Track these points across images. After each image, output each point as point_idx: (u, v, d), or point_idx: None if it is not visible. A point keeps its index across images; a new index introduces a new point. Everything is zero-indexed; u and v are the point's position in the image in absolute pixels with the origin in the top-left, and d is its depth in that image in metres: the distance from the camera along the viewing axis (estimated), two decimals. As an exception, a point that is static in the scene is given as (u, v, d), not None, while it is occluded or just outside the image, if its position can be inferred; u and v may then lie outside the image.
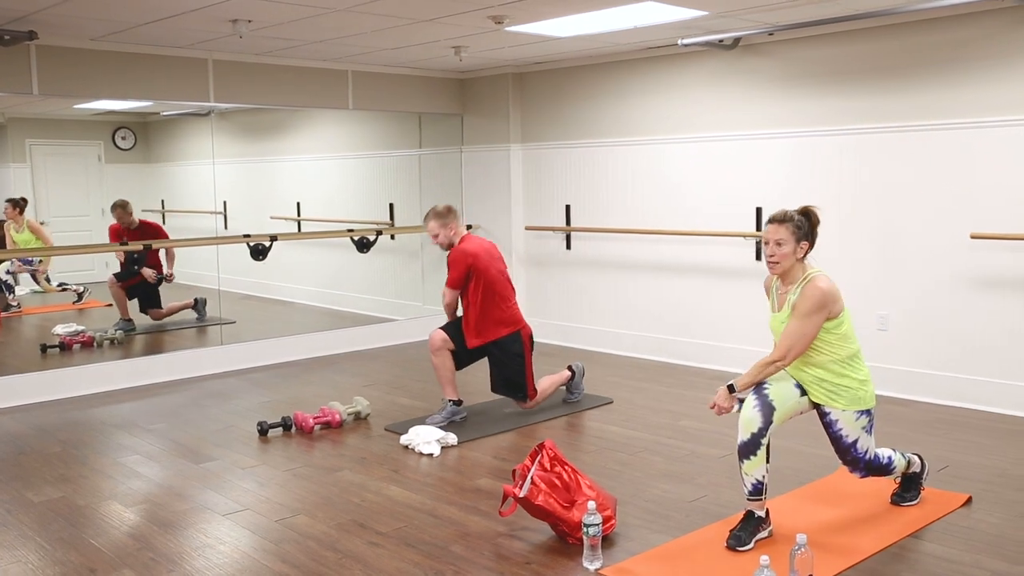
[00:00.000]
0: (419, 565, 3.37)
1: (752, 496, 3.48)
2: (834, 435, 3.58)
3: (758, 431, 3.44)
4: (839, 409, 3.52)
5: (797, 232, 3.48)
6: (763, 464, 3.45)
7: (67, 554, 3.52)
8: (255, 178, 9.24)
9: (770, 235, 3.50)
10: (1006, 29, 5.16)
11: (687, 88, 6.71)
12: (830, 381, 3.52)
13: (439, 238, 5.35)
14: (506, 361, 5.38)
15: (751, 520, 3.49)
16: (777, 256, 3.50)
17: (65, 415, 5.68)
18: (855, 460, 3.59)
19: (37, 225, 7.64)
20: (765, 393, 3.50)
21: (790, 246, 3.48)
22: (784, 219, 3.49)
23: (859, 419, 3.54)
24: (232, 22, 5.42)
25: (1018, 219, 5.18)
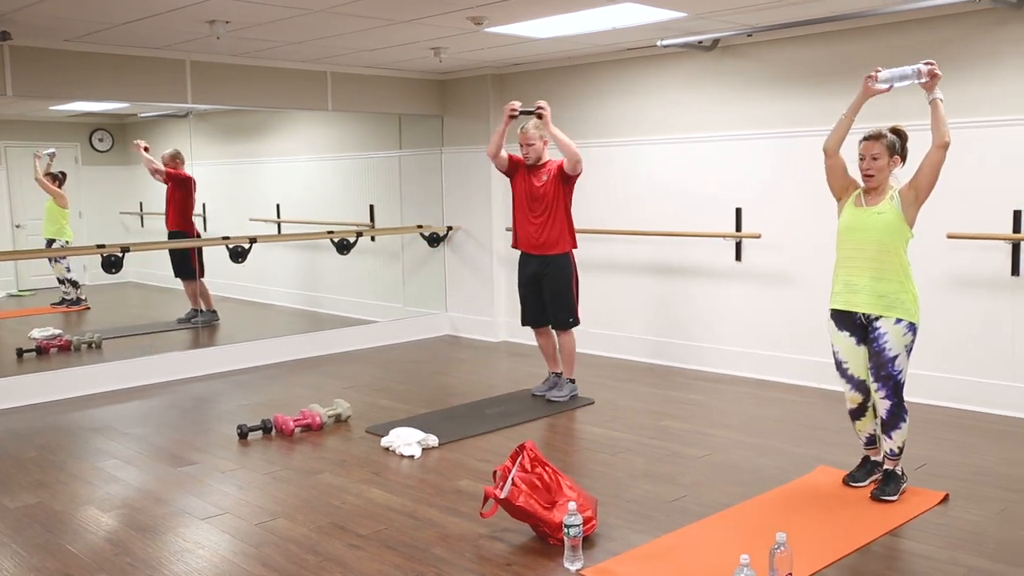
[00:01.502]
0: (400, 567, 3.36)
1: (867, 446, 4.09)
2: (878, 348, 3.84)
3: (863, 401, 4.00)
4: (892, 320, 3.81)
5: (891, 148, 3.85)
6: (872, 421, 4.02)
7: (44, 560, 3.49)
8: (234, 180, 9.20)
9: (866, 151, 3.86)
10: (982, 30, 5.21)
11: (666, 89, 6.73)
12: (892, 295, 3.82)
13: (534, 147, 5.62)
14: (563, 279, 5.68)
15: (867, 463, 4.09)
16: (873, 169, 3.85)
17: (42, 420, 5.63)
18: (888, 376, 3.84)
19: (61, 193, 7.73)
20: (851, 375, 3.99)
21: (884, 160, 3.85)
22: (879, 136, 3.85)
23: (906, 334, 3.83)
24: (210, 23, 5.39)
25: (994, 219, 5.23)
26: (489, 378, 6.45)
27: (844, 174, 4.02)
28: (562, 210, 5.60)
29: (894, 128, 3.90)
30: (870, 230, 3.85)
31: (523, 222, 5.71)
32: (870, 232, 3.85)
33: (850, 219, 3.94)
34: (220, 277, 8.22)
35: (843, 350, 3.98)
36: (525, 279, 5.80)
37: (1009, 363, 5.26)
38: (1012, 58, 5.11)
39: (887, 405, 3.88)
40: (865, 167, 3.85)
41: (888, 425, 3.90)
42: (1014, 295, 5.21)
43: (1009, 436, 4.88)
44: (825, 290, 4.19)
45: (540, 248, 5.65)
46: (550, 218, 5.59)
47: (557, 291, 5.68)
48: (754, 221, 6.29)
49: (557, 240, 5.61)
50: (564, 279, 5.68)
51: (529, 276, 5.76)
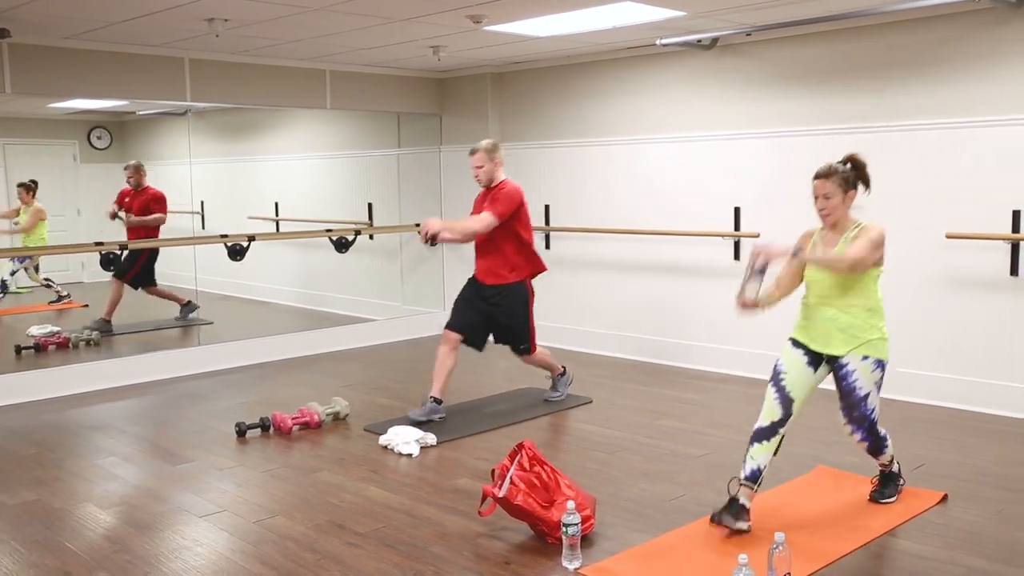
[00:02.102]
0: (398, 566, 3.36)
1: (747, 480, 3.59)
2: (848, 387, 3.64)
3: (778, 420, 3.63)
4: (859, 357, 3.61)
5: (844, 183, 3.64)
6: (770, 453, 3.62)
7: (42, 557, 3.48)
8: (233, 178, 9.19)
9: (818, 190, 3.66)
10: (982, 29, 5.21)
11: (666, 88, 6.73)
12: (857, 327, 3.61)
13: (483, 170, 5.35)
14: (515, 308, 5.40)
15: (734, 505, 3.56)
16: (827, 209, 3.65)
17: (40, 417, 5.62)
18: (861, 417, 3.65)
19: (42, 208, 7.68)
20: (783, 386, 3.65)
21: (838, 197, 3.64)
22: (829, 173, 3.65)
23: (875, 371, 3.63)
24: (208, 21, 5.39)
25: (993, 219, 5.23)
26: (487, 377, 6.45)
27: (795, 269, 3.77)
28: (510, 240, 5.31)
29: (849, 157, 3.69)
30: (828, 273, 3.63)
31: (477, 249, 5.45)
32: (829, 275, 3.64)
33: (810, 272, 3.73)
34: (218, 275, 8.21)
35: (788, 361, 3.70)
36: (469, 292, 5.47)
37: (1008, 363, 5.26)
38: (1011, 58, 5.11)
39: (864, 446, 3.75)
40: (819, 207, 3.66)
41: (872, 454, 3.83)
42: (1013, 295, 5.21)
43: (1008, 436, 4.88)
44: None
45: (491, 277, 5.36)
46: (499, 247, 5.32)
47: (511, 323, 5.41)
48: (752, 220, 6.29)
49: (508, 269, 5.34)
50: (517, 310, 5.40)
51: (476, 295, 5.43)
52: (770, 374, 3.75)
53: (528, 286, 5.47)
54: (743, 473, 3.61)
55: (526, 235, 5.40)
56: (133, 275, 7.65)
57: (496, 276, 5.37)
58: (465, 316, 5.42)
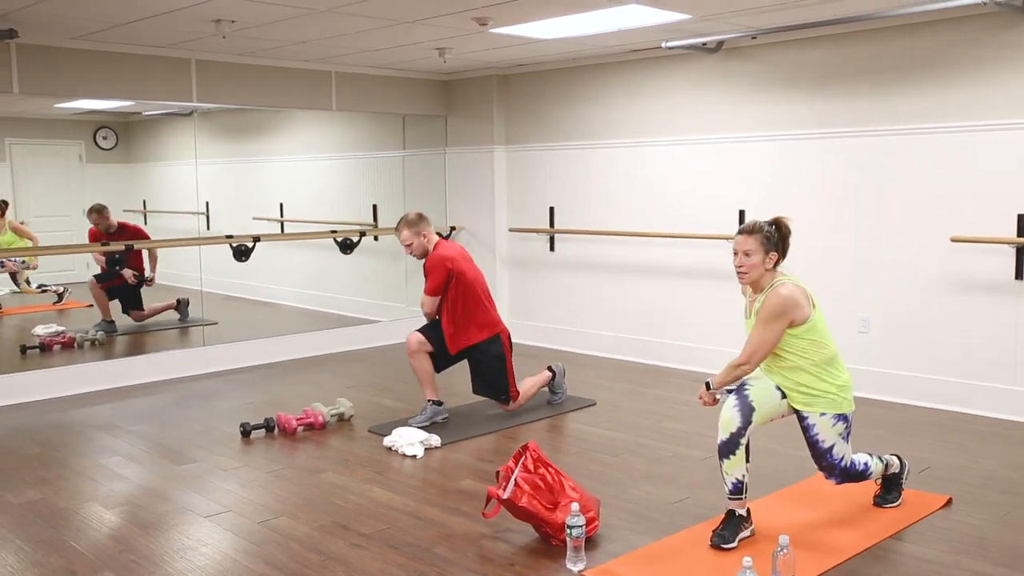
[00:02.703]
0: (402, 567, 3.36)
1: (732, 495, 3.51)
2: (811, 439, 3.59)
3: (736, 431, 3.46)
4: (817, 414, 3.54)
5: (766, 243, 3.52)
6: (742, 464, 3.48)
7: (47, 556, 3.49)
8: (238, 179, 9.20)
9: (739, 246, 3.55)
10: (988, 33, 5.21)
11: (671, 91, 6.73)
12: (808, 385, 3.53)
13: (413, 247, 5.25)
14: (488, 364, 5.37)
15: (733, 519, 3.52)
16: (745, 267, 3.54)
17: (45, 416, 5.63)
18: (831, 466, 3.62)
19: (18, 225, 7.59)
20: (745, 394, 3.52)
21: (758, 256, 3.52)
22: (753, 230, 3.54)
23: (836, 424, 3.56)
24: (215, 22, 5.40)
25: (998, 222, 5.22)
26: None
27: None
28: (461, 301, 5.23)
29: (775, 220, 3.59)
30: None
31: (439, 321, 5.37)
32: None
33: (745, 327, 3.68)
34: (223, 276, 8.23)
35: (755, 376, 3.60)
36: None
37: (1013, 367, 5.25)
38: (1017, 62, 5.11)
39: (846, 483, 3.71)
40: (737, 263, 3.54)
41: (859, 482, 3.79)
42: (1018, 299, 5.21)
43: (1013, 440, 4.87)
44: (827, 293, 4.19)
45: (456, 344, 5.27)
46: (453, 311, 5.26)
47: (490, 380, 5.37)
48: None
49: (473, 328, 5.27)
50: (496, 366, 5.35)
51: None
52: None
53: (503, 338, 5.39)
54: (725, 490, 3.52)
55: (474, 295, 5.26)
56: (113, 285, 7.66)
57: (465, 339, 5.28)
58: (429, 330, 5.35)
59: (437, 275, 5.20)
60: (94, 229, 7.51)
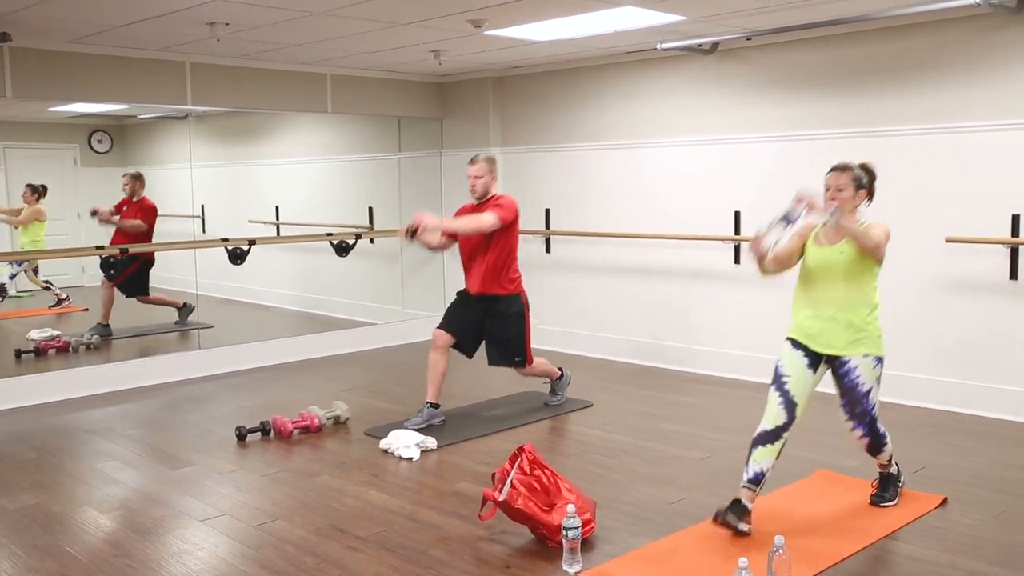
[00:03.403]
0: (398, 570, 3.36)
1: (750, 483, 3.60)
2: (850, 385, 3.68)
3: (783, 424, 3.65)
4: (860, 356, 3.65)
5: (856, 181, 3.70)
6: (773, 457, 3.63)
7: (42, 561, 3.48)
8: (233, 182, 9.20)
9: (831, 182, 3.71)
10: (981, 35, 5.22)
11: (666, 92, 6.74)
12: (857, 327, 3.65)
13: (480, 181, 5.32)
14: (510, 321, 5.36)
15: (738, 506, 3.57)
16: (839, 201, 3.67)
17: (40, 421, 5.62)
18: (863, 413, 3.69)
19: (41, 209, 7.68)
20: (787, 390, 3.67)
21: (849, 192, 3.68)
22: (846, 167, 3.72)
23: (876, 367, 3.68)
24: (210, 25, 5.40)
25: (992, 223, 5.23)
26: (487, 381, 6.44)
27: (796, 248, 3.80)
28: (505, 251, 5.27)
29: (863, 164, 3.77)
30: (833, 268, 3.67)
31: (468, 268, 5.39)
32: (833, 270, 3.67)
33: (812, 258, 3.76)
34: (218, 279, 8.22)
35: (789, 364, 3.72)
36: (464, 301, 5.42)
37: (1008, 366, 5.26)
38: (1010, 62, 5.12)
39: (865, 442, 3.77)
40: (830, 197, 3.68)
41: (871, 451, 3.85)
42: (1013, 299, 5.22)
43: (1008, 440, 4.88)
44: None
45: (485, 288, 5.30)
46: (494, 259, 5.26)
47: (506, 336, 5.37)
48: (753, 224, 6.28)
49: (506, 280, 5.31)
50: (512, 323, 5.35)
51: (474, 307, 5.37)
52: (771, 376, 3.75)
53: (524, 299, 5.43)
54: (746, 476, 3.62)
55: (516, 251, 5.37)
56: (122, 281, 7.63)
57: (492, 287, 5.31)
58: (457, 320, 5.38)
59: (510, 212, 5.26)
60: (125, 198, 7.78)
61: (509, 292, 5.34)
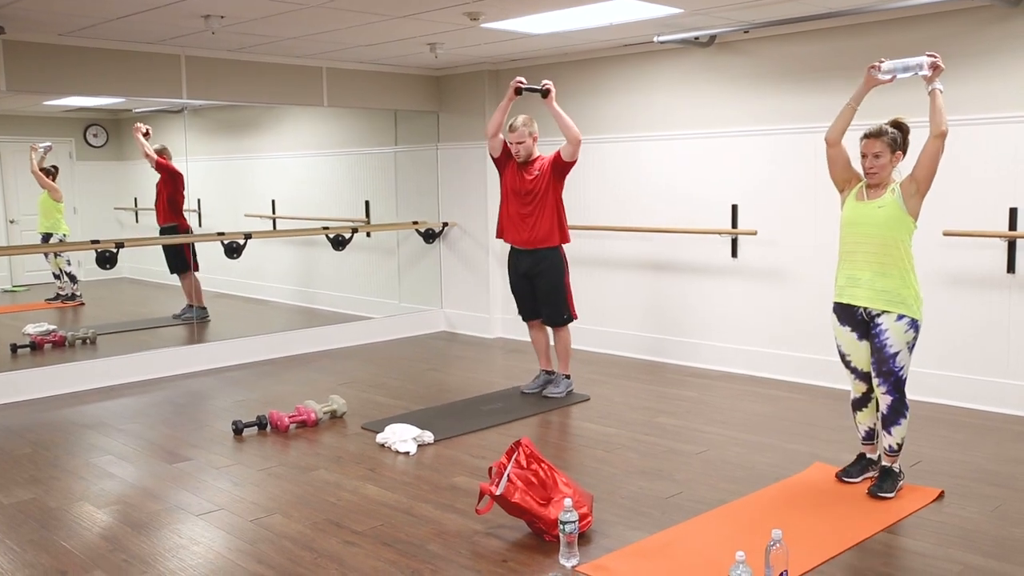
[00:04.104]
0: (395, 564, 3.35)
1: (866, 440, 4.09)
2: (879, 344, 3.86)
3: (866, 391, 4.03)
4: (894, 317, 3.82)
5: (892, 144, 3.85)
6: (873, 414, 4.03)
7: (38, 556, 3.48)
8: (229, 176, 9.17)
9: (867, 148, 3.85)
10: (979, 27, 5.21)
11: (663, 86, 6.72)
12: (894, 290, 3.82)
13: (523, 146, 5.60)
14: (558, 273, 5.69)
15: (862, 460, 4.08)
16: (876, 167, 3.85)
17: (36, 416, 5.61)
18: (890, 371, 3.85)
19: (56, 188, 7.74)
20: (854, 367, 4.02)
21: (886, 157, 3.85)
22: (880, 133, 3.85)
23: (908, 331, 3.83)
24: (204, 18, 5.37)
25: (990, 216, 5.23)
26: (485, 374, 6.44)
27: (847, 166, 4.02)
28: (552, 204, 5.61)
29: (895, 121, 3.90)
30: (871, 224, 3.86)
31: (512, 216, 5.70)
32: (871, 227, 3.86)
33: (851, 213, 3.95)
34: (215, 273, 8.20)
35: (845, 344, 4.01)
36: (517, 275, 5.82)
37: (1005, 360, 5.26)
38: (1009, 55, 5.11)
39: (888, 400, 3.89)
40: (868, 165, 3.86)
41: (888, 420, 3.91)
42: (1010, 292, 5.21)
43: (1005, 433, 4.88)
44: (820, 287, 4.21)
45: (529, 243, 5.66)
46: (540, 213, 5.60)
47: (550, 288, 5.70)
48: (750, 218, 6.29)
49: (547, 235, 5.62)
50: (556, 275, 5.69)
51: (521, 273, 5.77)
52: (837, 355, 4.09)
53: (563, 253, 5.73)
54: (860, 436, 4.10)
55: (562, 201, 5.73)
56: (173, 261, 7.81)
57: (540, 240, 5.63)
58: (527, 304, 5.84)
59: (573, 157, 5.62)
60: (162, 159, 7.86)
61: (556, 243, 5.68)
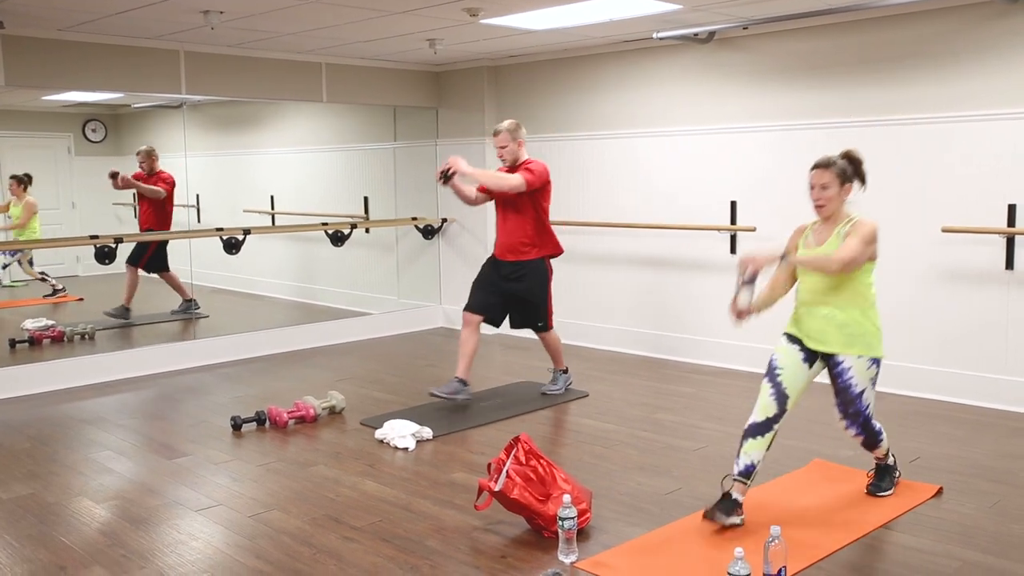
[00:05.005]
0: (394, 560, 3.36)
1: (740, 476, 3.58)
2: (843, 385, 3.65)
3: (773, 416, 3.61)
4: (854, 356, 3.61)
5: (841, 175, 3.62)
6: (763, 449, 3.60)
7: (36, 552, 3.48)
8: (228, 171, 9.17)
9: (815, 179, 3.64)
10: (979, 23, 5.20)
11: (662, 82, 6.72)
12: (854, 325, 3.61)
13: (507, 150, 5.40)
14: (538, 284, 5.56)
15: (727, 501, 3.56)
16: (823, 199, 3.63)
17: (34, 411, 5.61)
18: (857, 413, 3.67)
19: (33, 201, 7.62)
20: (779, 381, 3.64)
21: (835, 189, 3.62)
22: (828, 164, 3.64)
23: (870, 368, 3.64)
24: (203, 13, 5.36)
25: (988, 213, 5.23)
26: (483, 371, 6.44)
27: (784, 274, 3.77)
28: (530, 214, 5.43)
29: (846, 153, 3.68)
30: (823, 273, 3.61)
31: (499, 226, 5.57)
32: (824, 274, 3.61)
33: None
34: (213, 268, 8.20)
35: (783, 357, 3.68)
36: (488, 273, 5.62)
37: (1003, 357, 5.27)
38: (1009, 51, 5.11)
39: (860, 440, 3.77)
40: (815, 196, 3.63)
41: (867, 447, 3.85)
42: (1008, 289, 5.22)
43: (1003, 430, 4.89)
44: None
45: (512, 254, 5.49)
46: (517, 220, 5.44)
47: (530, 299, 5.56)
48: (749, 214, 6.29)
49: (524, 246, 5.46)
50: (538, 286, 5.54)
51: (495, 275, 5.57)
52: (765, 368, 3.74)
53: (548, 265, 5.62)
54: (736, 469, 3.60)
55: (546, 214, 5.54)
56: (148, 259, 7.64)
57: (517, 253, 5.49)
58: (483, 297, 5.56)
59: (541, 175, 5.38)
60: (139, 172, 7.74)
61: (534, 257, 5.51)
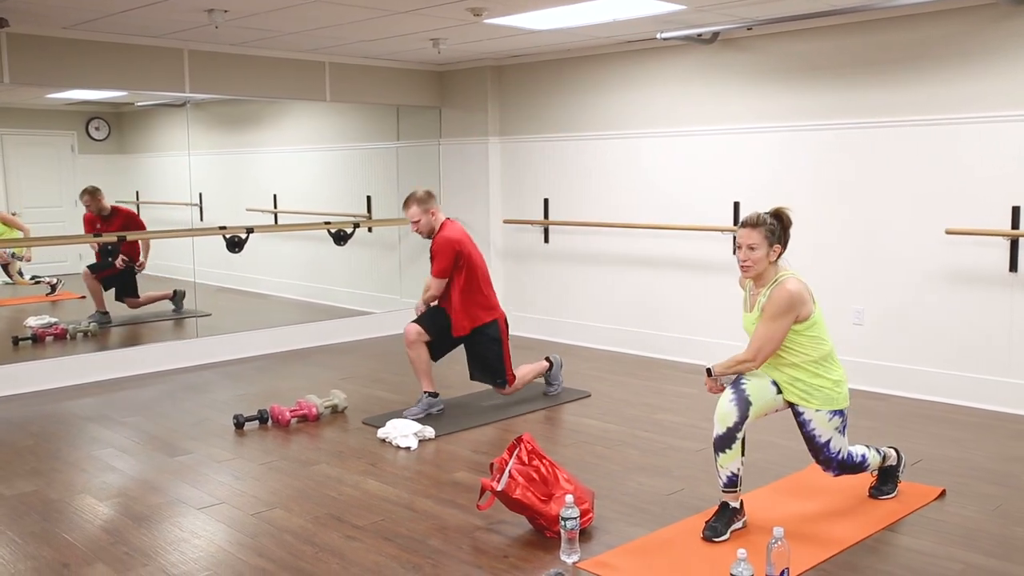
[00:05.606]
0: (396, 559, 3.36)
1: (727, 488, 3.50)
2: (808, 434, 3.59)
3: (733, 425, 3.44)
4: (812, 409, 3.53)
5: (770, 236, 3.49)
6: (738, 457, 3.47)
7: (39, 549, 3.48)
8: (231, 170, 9.17)
9: (743, 239, 3.50)
10: (984, 25, 5.20)
11: (666, 82, 6.71)
12: (804, 381, 3.53)
13: (420, 224, 5.23)
14: (487, 346, 5.34)
15: (726, 511, 3.51)
16: (750, 260, 3.50)
17: (37, 408, 5.62)
18: (828, 460, 3.62)
19: (9, 216, 7.54)
20: (742, 387, 3.50)
21: (763, 250, 3.48)
22: (757, 223, 3.49)
23: (832, 419, 3.55)
24: (208, 12, 5.37)
25: (992, 215, 5.22)
26: (486, 370, 6.44)
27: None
28: (469, 283, 5.21)
29: (776, 211, 3.54)
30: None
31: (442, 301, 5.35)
32: None
33: (743, 322, 3.70)
34: (216, 267, 8.20)
35: (752, 375, 3.56)
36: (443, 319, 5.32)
37: (1007, 359, 5.26)
38: (1013, 53, 5.10)
39: (848, 474, 3.71)
40: (742, 258, 3.50)
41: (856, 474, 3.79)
42: (1012, 291, 5.21)
43: (1006, 432, 4.88)
44: (820, 285, 4.16)
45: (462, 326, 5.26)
46: (460, 293, 5.22)
47: (488, 361, 5.37)
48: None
49: (478, 309, 5.26)
50: (493, 348, 5.32)
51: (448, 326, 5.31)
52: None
53: (501, 323, 5.37)
54: (720, 483, 3.50)
55: (481, 275, 5.28)
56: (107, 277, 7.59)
57: (470, 321, 5.26)
58: (429, 319, 5.32)
59: (445, 257, 5.16)
60: (88, 213, 7.51)
61: (488, 320, 5.29)
